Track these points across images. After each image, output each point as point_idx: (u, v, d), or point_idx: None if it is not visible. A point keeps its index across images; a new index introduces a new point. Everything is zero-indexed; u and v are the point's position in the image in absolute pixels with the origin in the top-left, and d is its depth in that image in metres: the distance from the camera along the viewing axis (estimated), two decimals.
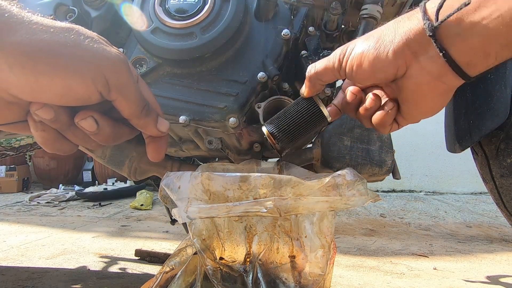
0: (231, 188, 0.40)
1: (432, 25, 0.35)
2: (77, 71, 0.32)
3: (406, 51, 0.38)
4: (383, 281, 1.31)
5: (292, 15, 0.70)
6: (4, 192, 3.67)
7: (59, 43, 0.31)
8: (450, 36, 0.35)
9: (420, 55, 0.38)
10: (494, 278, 1.38)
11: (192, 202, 0.41)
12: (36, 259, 1.49)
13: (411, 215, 2.67)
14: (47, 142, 0.36)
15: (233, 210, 0.38)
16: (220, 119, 0.63)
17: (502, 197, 0.98)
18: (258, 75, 0.64)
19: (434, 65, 0.37)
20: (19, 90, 0.31)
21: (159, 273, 0.49)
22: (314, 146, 0.71)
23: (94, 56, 0.33)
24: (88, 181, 3.99)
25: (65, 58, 0.31)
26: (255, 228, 0.44)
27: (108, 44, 0.36)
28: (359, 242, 1.88)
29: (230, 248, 0.45)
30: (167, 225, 2.12)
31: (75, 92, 0.32)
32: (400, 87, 0.41)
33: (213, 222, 0.44)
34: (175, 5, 0.66)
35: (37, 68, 0.30)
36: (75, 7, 0.70)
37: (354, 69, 0.42)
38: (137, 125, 0.38)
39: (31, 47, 0.30)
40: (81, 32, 0.34)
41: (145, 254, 1.50)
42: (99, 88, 0.33)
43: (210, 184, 0.41)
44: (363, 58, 0.41)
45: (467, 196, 3.59)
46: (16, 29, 0.30)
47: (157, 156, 0.41)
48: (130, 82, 0.35)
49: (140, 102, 0.36)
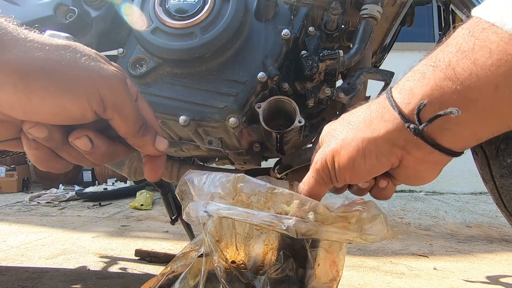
0: (257, 195, 0.40)
1: (417, 129, 0.33)
2: (71, 90, 0.31)
3: (395, 150, 0.37)
4: (383, 281, 1.31)
5: (292, 15, 0.70)
6: (4, 192, 3.68)
7: (54, 61, 0.30)
8: (439, 131, 0.34)
9: (412, 150, 0.36)
10: (494, 278, 1.38)
11: (214, 199, 0.41)
12: (36, 259, 1.49)
13: (411, 215, 2.67)
14: (40, 161, 0.35)
15: (251, 217, 0.38)
16: (220, 119, 0.63)
17: (502, 197, 0.98)
18: (258, 75, 0.64)
19: (430, 156, 0.36)
20: (11, 109, 0.30)
21: (161, 275, 0.49)
22: (314, 146, 0.71)
23: (90, 75, 0.32)
24: (88, 181, 3.99)
25: (59, 77, 0.30)
26: (273, 244, 0.44)
27: (106, 62, 0.35)
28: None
29: (244, 253, 0.44)
30: (167, 225, 2.12)
31: (69, 111, 0.31)
32: (398, 173, 0.40)
33: (233, 224, 0.43)
34: (175, 5, 0.66)
35: (29, 87, 0.29)
36: (75, 7, 0.70)
37: (348, 179, 0.41)
38: (134, 144, 0.37)
39: (23, 66, 0.29)
40: (78, 50, 0.33)
41: (145, 254, 1.50)
42: (93, 107, 0.32)
43: (241, 185, 0.40)
44: (355, 169, 0.39)
45: (467, 196, 3.59)
46: (10, 47, 0.29)
47: (154, 176, 0.40)
48: (126, 101, 0.34)
49: (137, 121, 0.35)
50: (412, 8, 0.98)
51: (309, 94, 0.69)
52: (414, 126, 0.33)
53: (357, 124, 0.39)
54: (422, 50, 3.92)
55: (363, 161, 0.38)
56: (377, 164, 0.38)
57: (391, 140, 0.36)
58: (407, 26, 1.03)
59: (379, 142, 0.37)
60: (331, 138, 0.42)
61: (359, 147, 0.38)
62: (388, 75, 0.74)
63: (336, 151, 0.40)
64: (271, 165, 0.75)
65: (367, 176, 0.40)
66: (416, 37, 4.17)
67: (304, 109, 0.70)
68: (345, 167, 0.40)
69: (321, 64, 0.67)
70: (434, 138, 0.34)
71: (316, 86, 0.70)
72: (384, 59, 1.18)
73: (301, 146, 0.84)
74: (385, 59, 1.18)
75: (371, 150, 0.38)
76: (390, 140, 0.37)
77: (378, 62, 1.17)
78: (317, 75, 0.68)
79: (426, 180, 0.40)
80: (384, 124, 0.37)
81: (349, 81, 0.72)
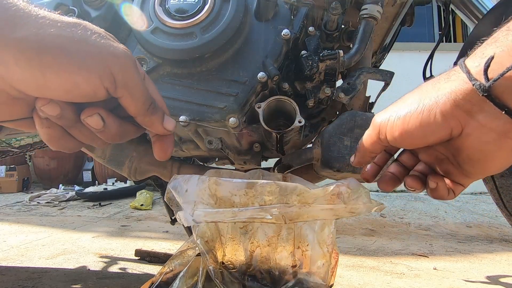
0: (237, 194, 0.40)
1: (483, 86, 0.32)
2: (84, 66, 0.31)
3: (457, 111, 0.34)
4: (383, 281, 1.31)
5: (292, 15, 0.70)
6: (4, 192, 3.68)
7: (66, 38, 0.31)
8: (508, 91, 0.31)
9: (476, 114, 0.34)
10: (494, 278, 1.38)
11: (198, 206, 0.41)
12: (36, 259, 1.49)
13: (411, 215, 2.67)
14: (52, 139, 0.35)
15: (238, 215, 0.38)
16: (220, 119, 0.63)
17: (502, 197, 0.98)
18: (258, 75, 0.64)
19: (496, 122, 0.33)
20: (25, 85, 0.31)
21: (160, 274, 0.49)
22: (314, 146, 0.71)
23: (101, 52, 0.32)
24: (88, 181, 3.99)
25: (72, 53, 0.31)
26: (258, 239, 0.44)
27: (115, 40, 0.35)
28: (359, 242, 1.88)
29: (230, 254, 0.45)
30: (167, 225, 2.12)
31: (82, 88, 0.32)
32: (459, 147, 0.37)
33: (217, 226, 0.44)
34: (175, 5, 0.66)
35: (43, 63, 0.30)
36: (75, 7, 0.70)
37: (397, 135, 0.39)
38: (143, 123, 0.38)
39: (37, 42, 0.30)
40: (88, 27, 0.33)
41: (145, 254, 1.50)
42: (105, 84, 0.33)
43: (217, 189, 0.41)
44: (407, 123, 0.37)
45: (467, 196, 3.59)
46: (22, 24, 0.30)
47: (164, 155, 0.41)
48: (136, 79, 0.35)
49: (146, 100, 0.36)
50: (412, 8, 0.98)
51: (309, 94, 0.69)
52: (480, 83, 0.32)
53: (423, 86, 0.38)
54: (422, 50, 3.92)
55: (420, 116, 0.36)
56: (434, 124, 0.36)
57: (456, 100, 0.34)
58: (407, 26, 1.03)
59: (442, 99, 0.35)
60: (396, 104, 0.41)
61: (419, 101, 0.37)
62: (388, 75, 0.74)
63: (395, 107, 0.40)
64: (271, 165, 0.75)
65: (421, 137, 0.37)
66: (416, 37, 4.17)
67: (304, 109, 0.70)
68: (399, 121, 0.38)
69: (321, 64, 0.67)
70: (503, 99, 0.32)
71: (316, 86, 0.70)
72: (384, 59, 1.18)
73: (301, 146, 0.84)
74: (385, 59, 1.19)
75: (431, 107, 0.36)
76: (455, 100, 0.34)
77: (378, 62, 1.17)
78: (317, 75, 0.68)
79: (494, 160, 0.36)
80: (450, 83, 0.35)
81: (349, 81, 0.72)
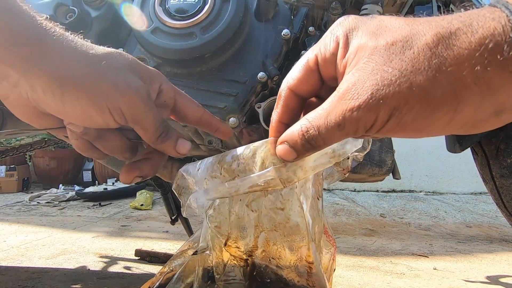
0: (236, 160, 0.41)
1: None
2: (97, 102, 0.35)
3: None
4: (383, 281, 1.31)
5: (292, 15, 0.70)
6: (4, 192, 3.67)
7: (88, 76, 0.35)
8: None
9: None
10: (494, 278, 1.38)
11: (208, 181, 0.42)
12: (36, 259, 1.49)
13: (411, 215, 2.68)
14: (80, 149, 0.41)
15: (239, 188, 0.39)
16: (220, 119, 0.63)
17: (502, 197, 0.98)
18: (258, 75, 0.64)
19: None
20: (49, 109, 0.36)
21: (160, 274, 0.49)
22: None
23: (112, 91, 0.36)
24: (88, 181, 3.99)
25: (89, 90, 0.35)
26: (263, 224, 0.44)
27: (136, 73, 0.39)
28: (359, 242, 1.88)
29: (234, 236, 0.44)
30: (167, 225, 2.12)
31: (95, 119, 0.36)
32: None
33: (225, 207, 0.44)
34: (175, 5, 0.66)
35: (64, 97, 0.34)
36: (75, 7, 0.70)
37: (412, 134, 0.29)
38: (156, 148, 0.42)
39: (64, 79, 0.34)
40: (112, 62, 0.37)
41: (145, 254, 1.50)
42: (116, 119, 0.37)
43: (223, 159, 0.42)
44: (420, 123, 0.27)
45: (467, 196, 3.59)
46: (55, 56, 0.34)
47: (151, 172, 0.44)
48: (146, 114, 0.38)
49: (156, 130, 0.39)
50: (412, 8, 0.98)
51: None
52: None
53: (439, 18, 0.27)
54: None
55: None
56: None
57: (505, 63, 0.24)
58: None
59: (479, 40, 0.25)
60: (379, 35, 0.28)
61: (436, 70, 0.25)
62: None
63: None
64: None
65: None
66: None
67: None
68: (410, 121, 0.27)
69: None
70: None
71: None
72: None
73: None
74: None
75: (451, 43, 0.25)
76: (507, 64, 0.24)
77: None
78: None
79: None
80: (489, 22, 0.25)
81: None
